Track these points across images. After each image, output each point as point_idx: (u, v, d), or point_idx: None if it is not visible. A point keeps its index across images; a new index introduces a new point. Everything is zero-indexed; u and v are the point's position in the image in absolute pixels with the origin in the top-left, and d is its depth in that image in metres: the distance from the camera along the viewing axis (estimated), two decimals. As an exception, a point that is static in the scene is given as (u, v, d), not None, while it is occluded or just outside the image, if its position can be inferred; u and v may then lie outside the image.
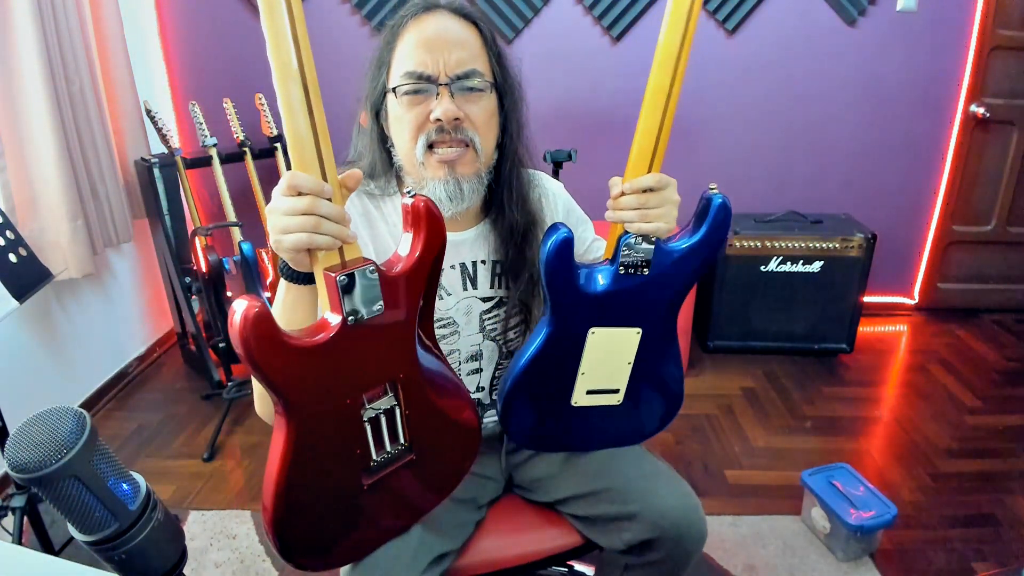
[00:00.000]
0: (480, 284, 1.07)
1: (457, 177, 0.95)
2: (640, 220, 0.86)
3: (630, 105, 2.74)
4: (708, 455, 2.10)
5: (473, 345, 1.09)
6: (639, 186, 0.86)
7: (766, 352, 2.68)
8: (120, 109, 2.37)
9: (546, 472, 1.11)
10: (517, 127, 1.03)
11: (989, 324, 2.99)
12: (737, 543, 1.73)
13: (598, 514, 1.05)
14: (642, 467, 1.06)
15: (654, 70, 0.82)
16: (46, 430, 0.57)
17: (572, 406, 0.98)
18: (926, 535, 1.75)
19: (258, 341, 0.68)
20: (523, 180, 1.06)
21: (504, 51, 1.00)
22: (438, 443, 0.90)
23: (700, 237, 0.89)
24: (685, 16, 0.80)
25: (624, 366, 0.96)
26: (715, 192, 0.88)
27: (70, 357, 2.27)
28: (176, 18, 2.67)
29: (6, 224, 1.45)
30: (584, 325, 0.91)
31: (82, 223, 2.08)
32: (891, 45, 2.66)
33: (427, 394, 0.85)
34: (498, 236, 1.06)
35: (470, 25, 0.96)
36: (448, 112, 0.91)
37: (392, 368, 0.81)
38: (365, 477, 0.83)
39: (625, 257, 0.87)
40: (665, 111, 0.83)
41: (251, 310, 0.67)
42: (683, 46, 0.81)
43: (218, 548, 1.71)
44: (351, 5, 2.62)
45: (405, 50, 0.93)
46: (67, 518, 0.60)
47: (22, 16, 1.85)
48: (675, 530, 0.98)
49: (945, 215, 2.92)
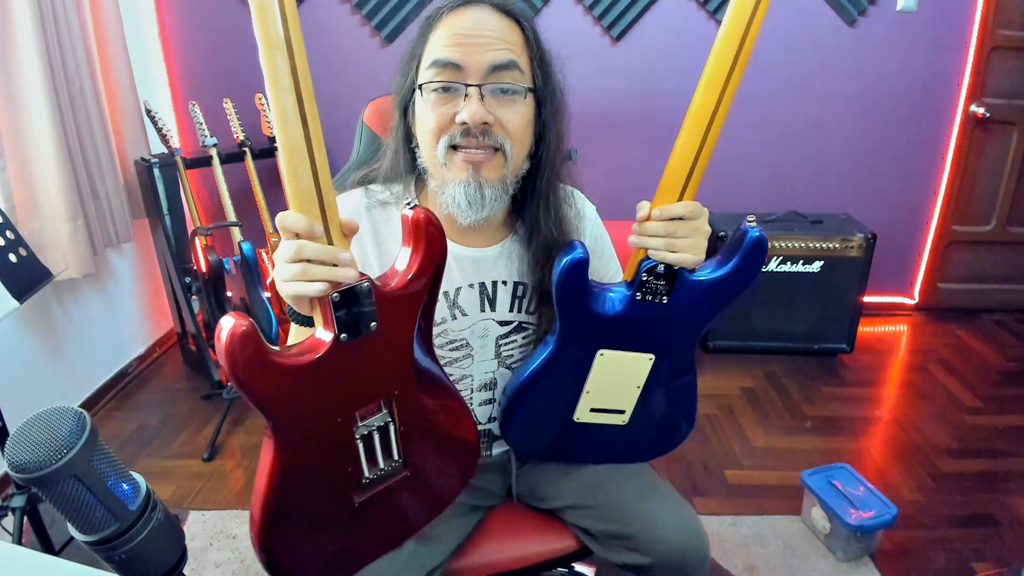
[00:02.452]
0: (499, 307, 1.00)
1: (480, 180, 0.87)
2: (666, 249, 0.80)
3: (630, 105, 2.76)
4: (708, 455, 2.10)
5: (487, 372, 1.03)
6: (669, 214, 0.79)
7: (766, 352, 2.68)
8: (120, 109, 2.36)
9: (549, 479, 1.09)
10: (556, 137, 0.94)
11: (989, 324, 2.98)
12: (737, 543, 1.73)
13: (598, 529, 1.02)
14: (642, 487, 1.02)
15: (700, 89, 0.75)
16: (46, 430, 0.57)
17: (574, 421, 0.95)
18: (926, 535, 1.75)
19: (245, 362, 0.65)
20: (559, 196, 0.98)
21: (548, 54, 0.92)
22: (434, 459, 0.87)
23: (728, 271, 0.83)
24: (741, 33, 0.72)
25: (633, 390, 0.92)
26: (752, 225, 0.82)
27: (70, 357, 2.27)
28: (176, 18, 2.67)
29: (6, 224, 1.45)
30: (593, 346, 0.87)
31: (82, 223, 2.08)
32: (891, 45, 2.66)
33: (423, 410, 0.82)
34: (532, 256, 0.97)
35: (511, 21, 0.88)
36: (476, 115, 0.83)
37: (387, 385, 0.78)
38: (357, 494, 0.80)
39: (644, 283, 0.82)
40: (706, 135, 0.77)
41: (238, 329, 0.65)
42: (735, 66, 0.73)
43: (218, 548, 1.71)
44: (351, 5, 2.62)
45: (437, 42, 0.86)
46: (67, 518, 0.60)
47: (22, 16, 1.85)
48: (676, 557, 0.94)
49: (945, 215, 2.92)
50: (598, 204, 1.13)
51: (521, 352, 1.04)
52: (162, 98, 2.73)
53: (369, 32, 2.65)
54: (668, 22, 2.66)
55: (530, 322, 1.02)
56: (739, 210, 2.70)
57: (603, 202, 1.15)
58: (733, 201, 2.78)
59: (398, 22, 2.62)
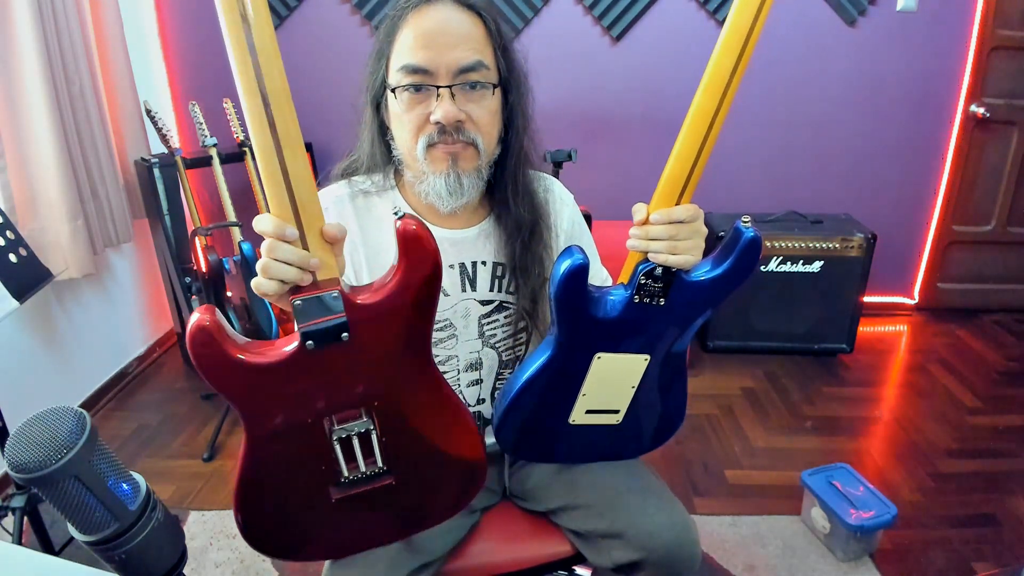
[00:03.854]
0: (479, 286, 1.03)
1: (458, 171, 0.92)
2: (668, 252, 0.80)
3: (630, 105, 2.76)
4: (708, 455, 2.10)
5: (472, 352, 1.05)
6: (671, 218, 0.79)
7: (766, 352, 2.68)
8: (120, 109, 2.37)
9: (539, 481, 1.09)
10: (523, 121, 0.99)
11: (989, 324, 2.98)
12: (737, 543, 1.73)
13: (588, 529, 1.02)
14: (632, 483, 1.02)
15: (700, 92, 0.75)
16: (46, 430, 0.57)
17: (569, 423, 0.95)
18: (926, 535, 1.75)
19: (205, 356, 0.68)
20: (528, 176, 1.03)
21: (510, 42, 0.95)
22: (426, 474, 0.85)
23: (723, 271, 0.83)
24: (742, 38, 0.72)
25: (627, 389, 0.93)
26: (748, 226, 0.82)
27: (70, 357, 2.27)
28: (176, 18, 2.67)
29: (6, 224, 1.45)
30: (591, 350, 0.87)
31: (82, 223, 2.08)
32: (891, 45, 2.66)
33: (413, 424, 0.80)
34: (503, 233, 1.02)
35: (474, 16, 0.91)
36: (449, 115, 0.88)
37: (365, 396, 0.75)
38: (335, 491, 0.80)
39: (642, 286, 0.83)
40: (706, 138, 0.77)
41: (201, 322, 0.67)
42: (736, 70, 0.73)
43: (218, 548, 1.71)
44: (351, 5, 2.62)
45: (404, 43, 0.89)
46: (67, 518, 0.60)
47: (22, 16, 1.85)
48: (664, 553, 0.94)
49: (945, 215, 2.92)
50: (598, 204, 1.13)
51: (504, 332, 1.06)
52: (162, 98, 2.73)
53: (369, 32, 2.65)
54: (668, 22, 2.66)
55: (511, 302, 1.05)
56: (739, 210, 2.70)
57: (603, 202, 1.16)
58: (732, 201, 2.78)
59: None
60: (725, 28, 0.73)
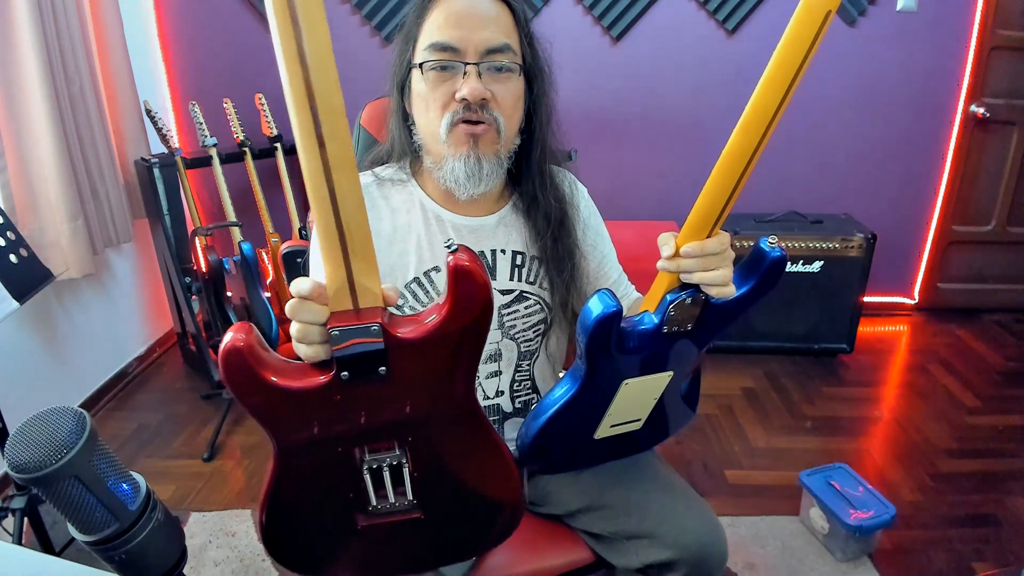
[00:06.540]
0: (499, 275, 1.02)
1: (479, 153, 0.92)
2: (704, 283, 0.79)
3: (630, 105, 2.76)
4: (708, 455, 2.10)
5: (491, 343, 1.03)
6: (704, 251, 0.77)
7: (766, 352, 2.68)
8: (120, 109, 2.37)
9: (556, 484, 1.07)
10: (547, 112, 1.00)
11: (989, 324, 2.99)
12: (736, 543, 1.73)
13: (612, 531, 1.00)
14: (657, 482, 1.01)
15: (738, 132, 0.73)
16: (46, 430, 0.57)
17: (594, 439, 0.95)
18: (926, 535, 1.75)
19: (237, 377, 0.65)
20: (553, 169, 1.05)
21: (535, 33, 0.97)
22: (459, 510, 0.82)
23: (748, 290, 0.83)
24: (788, 77, 0.69)
25: (650, 401, 0.93)
26: (774, 245, 0.81)
27: (70, 357, 2.27)
28: (176, 18, 2.67)
29: (6, 225, 1.45)
30: (619, 378, 0.87)
31: (82, 223, 2.08)
32: (891, 45, 2.66)
33: (448, 463, 0.77)
34: (533, 227, 1.01)
35: (502, 3, 0.93)
36: (475, 91, 0.88)
37: (400, 430, 0.72)
38: (361, 519, 0.78)
39: (672, 317, 0.82)
40: (742, 176, 0.76)
41: (235, 343, 0.64)
42: (778, 112, 0.71)
43: (217, 547, 1.71)
44: (351, 5, 2.62)
45: (433, 24, 0.91)
46: (67, 518, 0.60)
47: (22, 16, 1.85)
48: (697, 550, 0.93)
49: (945, 215, 2.92)
50: (598, 204, 1.14)
51: (524, 323, 1.04)
52: (162, 98, 2.73)
53: (369, 32, 2.65)
54: (668, 22, 2.66)
55: (531, 292, 1.04)
56: (739, 210, 2.70)
57: (603, 202, 1.16)
58: (733, 201, 2.78)
59: (398, 22, 2.63)
60: (769, 68, 0.70)
